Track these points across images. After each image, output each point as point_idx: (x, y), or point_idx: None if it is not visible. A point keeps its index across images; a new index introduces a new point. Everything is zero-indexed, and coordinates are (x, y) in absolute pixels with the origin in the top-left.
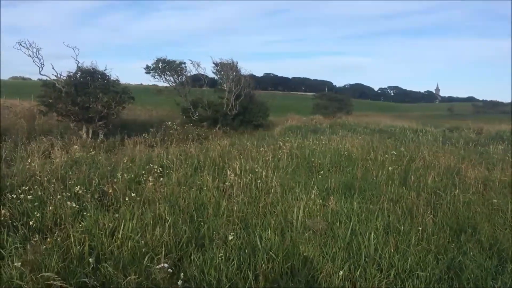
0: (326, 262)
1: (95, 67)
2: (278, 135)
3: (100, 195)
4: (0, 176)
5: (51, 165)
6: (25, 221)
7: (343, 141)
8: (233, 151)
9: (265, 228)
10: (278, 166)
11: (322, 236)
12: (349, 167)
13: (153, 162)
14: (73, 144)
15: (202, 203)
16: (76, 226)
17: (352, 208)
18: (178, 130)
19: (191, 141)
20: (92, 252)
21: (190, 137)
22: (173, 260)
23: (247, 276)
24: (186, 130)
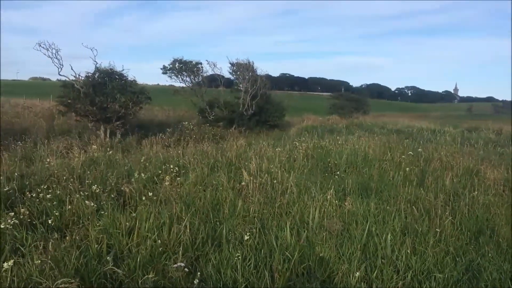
0: (342, 263)
1: (112, 67)
2: (294, 135)
3: (118, 195)
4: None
5: (69, 164)
6: (44, 219)
7: (359, 141)
8: (249, 151)
9: (281, 228)
10: (294, 167)
11: (338, 236)
12: (366, 168)
13: (169, 162)
14: (91, 144)
15: (218, 203)
16: (94, 225)
17: (369, 209)
18: (195, 130)
19: (207, 141)
20: (110, 251)
21: (206, 137)
22: (190, 260)
23: (264, 275)
24: (203, 130)
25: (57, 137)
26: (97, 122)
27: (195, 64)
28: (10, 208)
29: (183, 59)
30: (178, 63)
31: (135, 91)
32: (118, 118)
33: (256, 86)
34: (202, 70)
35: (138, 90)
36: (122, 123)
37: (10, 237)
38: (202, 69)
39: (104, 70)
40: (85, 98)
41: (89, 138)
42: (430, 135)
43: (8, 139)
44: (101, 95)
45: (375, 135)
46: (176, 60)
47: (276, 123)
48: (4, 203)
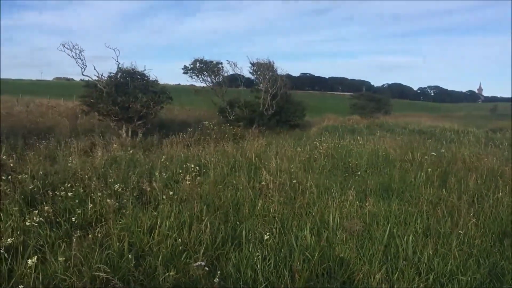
0: (363, 264)
1: (134, 67)
2: (314, 135)
3: (139, 193)
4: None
5: (92, 163)
6: (67, 217)
7: (381, 141)
8: (269, 151)
9: (301, 228)
10: (314, 167)
11: (359, 237)
12: (387, 168)
13: (190, 161)
14: (113, 143)
15: (237, 203)
16: (116, 223)
17: (390, 210)
18: (215, 129)
19: (227, 141)
20: (132, 249)
21: (227, 137)
22: (210, 259)
23: (283, 275)
24: (223, 130)
25: (80, 136)
26: (119, 121)
27: (215, 64)
28: (34, 206)
29: (203, 59)
30: (199, 63)
31: (156, 91)
32: (140, 117)
33: (276, 86)
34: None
35: (159, 90)
36: (144, 123)
37: (34, 234)
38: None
39: (126, 70)
40: (107, 98)
41: (111, 137)
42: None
43: (33, 138)
44: (123, 95)
45: (396, 136)
46: (197, 60)
47: (296, 123)
48: (29, 201)
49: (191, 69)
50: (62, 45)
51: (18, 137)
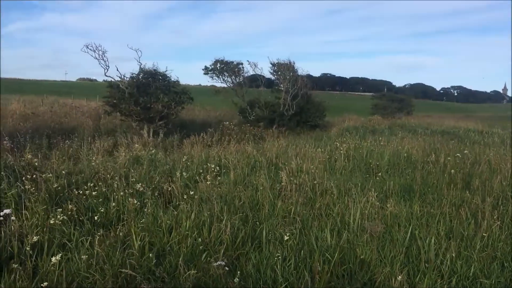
0: (384, 266)
1: (156, 68)
2: (335, 135)
3: (160, 193)
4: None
5: (114, 162)
6: (90, 216)
7: (402, 142)
8: (289, 151)
9: (321, 229)
10: (335, 167)
11: (380, 239)
12: (409, 170)
13: (210, 161)
14: (135, 143)
15: (257, 203)
16: (137, 222)
17: (412, 211)
18: (235, 130)
19: (247, 141)
20: (152, 248)
21: (247, 137)
22: (230, 258)
23: (303, 276)
24: (243, 130)
25: (103, 136)
26: (141, 121)
27: (236, 64)
28: (58, 204)
29: (224, 60)
30: (220, 64)
31: (177, 92)
32: (161, 118)
33: (297, 86)
34: (243, 70)
35: (181, 91)
36: (165, 123)
37: (58, 232)
38: (243, 69)
39: (148, 71)
40: (129, 98)
41: (133, 137)
42: (477, 136)
43: (57, 137)
44: (145, 95)
45: (418, 136)
46: (217, 60)
47: (316, 123)
48: (53, 200)
49: (212, 70)
50: (85, 46)
51: (43, 137)
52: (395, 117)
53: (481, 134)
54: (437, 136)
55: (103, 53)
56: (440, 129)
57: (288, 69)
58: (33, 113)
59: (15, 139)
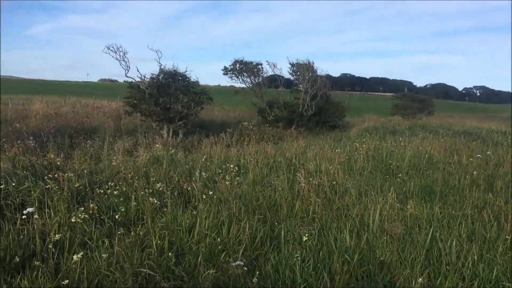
0: (404, 267)
1: (176, 69)
2: (354, 136)
3: (179, 193)
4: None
5: (134, 162)
6: (111, 215)
7: (423, 143)
8: (308, 151)
9: (340, 230)
10: (354, 168)
11: (400, 240)
12: (430, 171)
13: (229, 161)
14: (155, 143)
15: (276, 203)
16: (156, 221)
17: (433, 213)
18: (254, 130)
19: (266, 141)
20: (172, 247)
21: (266, 137)
22: (249, 258)
23: (322, 277)
24: (262, 130)
25: (123, 136)
26: (161, 122)
27: (255, 64)
28: (80, 203)
29: (243, 60)
30: (239, 64)
31: (197, 92)
32: (181, 118)
33: (316, 87)
34: (262, 70)
35: (200, 91)
36: (184, 123)
37: (80, 231)
38: (262, 70)
39: (168, 71)
40: (149, 98)
41: (153, 137)
42: (500, 137)
43: (79, 137)
44: (165, 95)
45: (440, 137)
46: (237, 61)
47: (336, 124)
48: (75, 198)
49: (231, 70)
50: (107, 48)
51: (65, 137)
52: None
53: (504, 135)
54: (459, 136)
55: (124, 54)
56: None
57: (307, 69)
58: (56, 113)
59: (38, 139)
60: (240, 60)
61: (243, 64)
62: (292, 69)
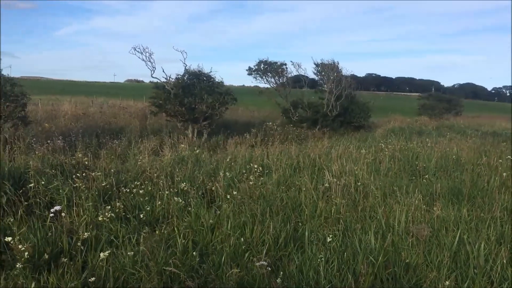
0: (430, 270)
1: (201, 69)
2: (380, 137)
3: (204, 192)
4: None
5: (160, 162)
6: (136, 213)
7: (451, 144)
8: (332, 152)
9: (365, 231)
10: (379, 169)
11: (426, 243)
12: (457, 172)
13: (253, 161)
14: (180, 143)
15: (300, 204)
16: (181, 220)
17: (460, 215)
18: (278, 130)
19: (290, 142)
20: (196, 247)
21: (290, 138)
22: (273, 259)
23: (347, 278)
24: (286, 131)
25: (149, 136)
26: (186, 122)
27: (280, 65)
28: (107, 202)
29: (268, 60)
30: (263, 64)
31: (221, 92)
32: (205, 118)
33: (341, 87)
34: (286, 70)
35: (224, 91)
36: (209, 123)
37: (106, 229)
38: (287, 70)
39: (193, 72)
40: (175, 99)
41: (178, 137)
42: None
43: (106, 137)
44: (190, 96)
45: (468, 138)
46: (261, 61)
47: (361, 124)
48: (102, 197)
49: (256, 70)
50: (133, 49)
51: (93, 136)
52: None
53: None
54: (487, 137)
55: (149, 55)
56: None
57: (332, 69)
58: (84, 113)
59: (67, 139)
60: (264, 60)
61: (268, 65)
62: (316, 69)
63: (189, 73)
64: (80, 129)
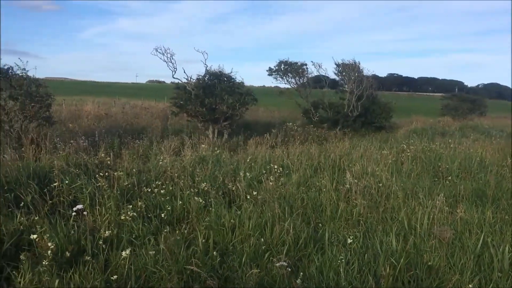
0: (453, 273)
1: (221, 70)
2: (401, 137)
3: (224, 192)
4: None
5: (181, 162)
6: (157, 213)
7: (475, 145)
8: (353, 153)
9: (386, 233)
10: (401, 170)
11: (449, 245)
12: (481, 174)
13: (274, 162)
14: (201, 143)
15: (320, 205)
16: (201, 220)
17: (484, 217)
18: (299, 131)
19: (311, 142)
20: (216, 246)
21: (310, 138)
22: (293, 259)
23: (368, 280)
24: (307, 131)
25: (170, 136)
26: (206, 122)
27: (300, 65)
28: (129, 201)
29: (288, 61)
30: (284, 65)
31: (242, 93)
32: (226, 118)
33: (362, 87)
34: (307, 71)
35: (245, 92)
36: (229, 124)
37: (128, 228)
38: (307, 70)
39: (213, 72)
40: (195, 99)
41: (198, 137)
42: None
43: (128, 137)
44: (210, 96)
45: (492, 139)
46: (281, 61)
47: (382, 125)
48: (124, 196)
49: (276, 71)
50: (155, 50)
51: (115, 136)
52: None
53: None
54: None
55: (171, 56)
56: None
57: (353, 70)
58: (106, 113)
59: (90, 139)
60: (285, 60)
61: (288, 65)
62: (337, 69)
63: (209, 73)
64: (102, 129)
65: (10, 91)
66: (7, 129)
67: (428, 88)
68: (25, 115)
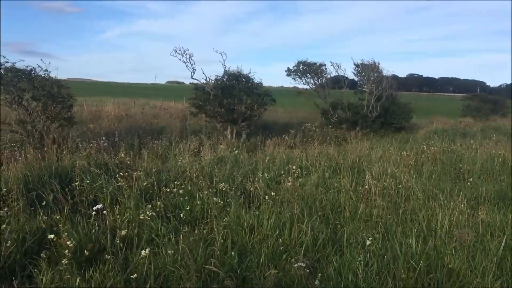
0: (474, 276)
1: (240, 71)
2: (422, 138)
3: (242, 193)
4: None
5: (199, 162)
6: (176, 213)
7: (497, 146)
8: (372, 154)
9: (406, 235)
10: (421, 171)
11: (470, 248)
12: (504, 175)
13: (292, 162)
14: (219, 144)
15: (339, 206)
16: (220, 220)
17: (507, 220)
18: (317, 131)
19: (330, 143)
20: (234, 246)
21: (329, 139)
22: (311, 260)
23: (387, 282)
24: (325, 132)
25: (189, 137)
26: (225, 123)
27: (319, 65)
28: (148, 200)
29: (307, 61)
30: (302, 65)
31: (260, 93)
32: (244, 119)
33: (381, 87)
34: (326, 71)
35: (263, 92)
36: (248, 124)
37: (147, 227)
38: (326, 71)
39: (232, 73)
40: (214, 100)
41: (217, 138)
42: None
43: (147, 137)
44: (229, 97)
45: None
46: (300, 62)
47: (402, 126)
48: (143, 196)
49: (294, 71)
50: (174, 51)
51: (134, 137)
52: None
53: None
54: None
55: (190, 57)
56: None
57: (373, 70)
58: (126, 114)
59: (110, 139)
60: (303, 61)
61: (307, 65)
62: (356, 70)
63: (228, 74)
64: (122, 129)
65: (33, 92)
66: (29, 129)
67: (449, 88)
68: (47, 116)
